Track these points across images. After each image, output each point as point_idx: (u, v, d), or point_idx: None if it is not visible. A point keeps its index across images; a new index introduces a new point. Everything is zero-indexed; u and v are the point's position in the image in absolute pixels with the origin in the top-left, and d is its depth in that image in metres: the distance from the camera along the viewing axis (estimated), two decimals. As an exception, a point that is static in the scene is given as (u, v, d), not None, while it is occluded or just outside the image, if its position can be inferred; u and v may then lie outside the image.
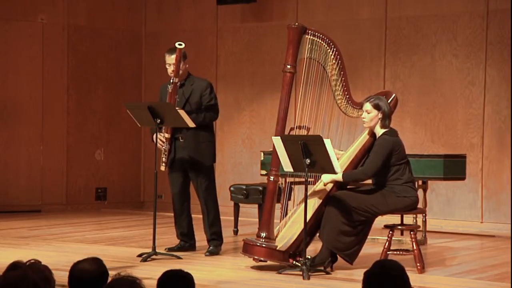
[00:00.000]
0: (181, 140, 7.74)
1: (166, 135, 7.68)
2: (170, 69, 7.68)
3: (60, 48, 11.71)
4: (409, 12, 10.41)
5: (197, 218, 8.09)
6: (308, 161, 6.59)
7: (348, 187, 7.12)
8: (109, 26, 12.10)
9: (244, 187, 9.38)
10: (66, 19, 11.72)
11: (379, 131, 6.96)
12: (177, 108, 7.44)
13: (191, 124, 7.42)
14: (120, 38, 12.23)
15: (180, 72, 7.69)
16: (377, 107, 6.91)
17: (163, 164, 7.71)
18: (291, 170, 6.83)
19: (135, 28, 12.34)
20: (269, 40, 11.37)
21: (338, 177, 6.79)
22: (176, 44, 7.58)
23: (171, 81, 7.61)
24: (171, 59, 7.66)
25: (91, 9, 11.94)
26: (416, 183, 7.69)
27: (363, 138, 7.13)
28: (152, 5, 12.32)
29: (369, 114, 6.94)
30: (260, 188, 9.20)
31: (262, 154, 9.20)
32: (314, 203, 6.97)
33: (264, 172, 9.01)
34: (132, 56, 12.34)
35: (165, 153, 7.69)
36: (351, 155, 7.08)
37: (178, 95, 7.70)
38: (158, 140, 7.68)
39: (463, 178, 8.86)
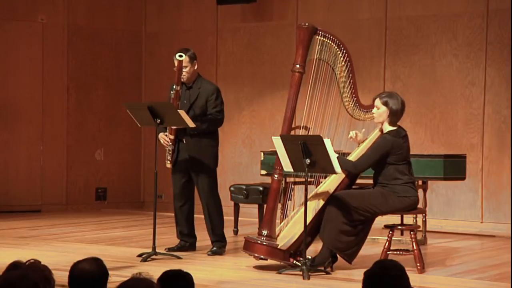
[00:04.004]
0: (184, 142, 7.75)
1: (171, 137, 7.69)
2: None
3: (60, 48, 11.71)
4: (409, 12, 10.41)
5: (200, 218, 8.09)
6: (308, 161, 6.59)
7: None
8: (109, 26, 12.10)
9: (244, 187, 9.38)
10: (66, 19, 11.72)
11: (386, 128, 6.96)
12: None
13: (191, 124, 7.43)
14: (120, 38, 12.23)
15: (187, 75, 7.69)
16: (385, 103, 6.92)
17: (168, 161, 7.75)
18: (291, 170, 6.83)
19: (135, 28, 12.34)
20: (269, 40, 11.37)
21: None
22: (177, 56, 7.59)
23: (173, 87, 7.62)
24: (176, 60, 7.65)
25: (91, 9, 11.94)
26: (416, 183, 7.69)
27: (374, 135, 7.12)
28: (152, 5, 12.32)
29: (378, 110, 6.94)
30: (260, 188, 9.20)
31: (262, 154, 9.19)
32: (316, 205, 6.97)
33: (264, 172, 9.02)
34: (132, 56, 12.34)
35: (169, 152, 7.72)
36: (360, 152, 7.07)
37: (185, 97, 7.72)
38: (163, 140, 7.70)
39: (463, 178, 8.86)
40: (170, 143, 7.70)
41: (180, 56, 7.59)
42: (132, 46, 12.33)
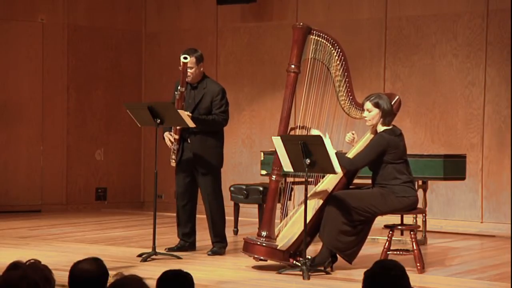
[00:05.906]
0: (188, 142, 7.74)
1: (176, 136, 7.69)
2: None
3: (60, 48, 11.71)
4: (409, 12, 10.41)
5: (201, 218, 8.09)
6: (308, 161, 6.59)
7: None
8: (109, 26, 12.10)
9: (244, 187, 9.38)
10: (66, 19, 11.72)
11: (380, 129, 6.96)
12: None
13: (191, 124, 7.43)
14: (120, 38, 12.23)
15: (192, 76, 7.68)
16: (376, 105, 6.92)
17: (173, 160, 7.75)
18: (291, 170, 6.83)
19: (135, 28, 12.34)
20: (269, 40, 11.37)
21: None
22: (182, 58, 7.57)
23: (178, 88, 7.60)
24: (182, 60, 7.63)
25: (91, 9, 11.94)
26: (416, 183, 7.69)
27: (368, 137, 7.12)
28: (152, 5, 12.32)
29: (370, 113, 6.95)
30: (260, 188, 9.20)
31: (262, 154, 9.20)
32: (315, 204, 6.97)
33: (264, 172, 9.02)
34: (132, 56, 12.34)
35: (174, 151, 7.71)
36: (356, 151, 7.06)
37: (190, 97, 7.71)
38: (167, 139, 7.71)
39: (463, 178, 8.86)
40: (175, 143, 7.70)
41: (185, 58, 7.57)
42: (132, 46, 12.33)
